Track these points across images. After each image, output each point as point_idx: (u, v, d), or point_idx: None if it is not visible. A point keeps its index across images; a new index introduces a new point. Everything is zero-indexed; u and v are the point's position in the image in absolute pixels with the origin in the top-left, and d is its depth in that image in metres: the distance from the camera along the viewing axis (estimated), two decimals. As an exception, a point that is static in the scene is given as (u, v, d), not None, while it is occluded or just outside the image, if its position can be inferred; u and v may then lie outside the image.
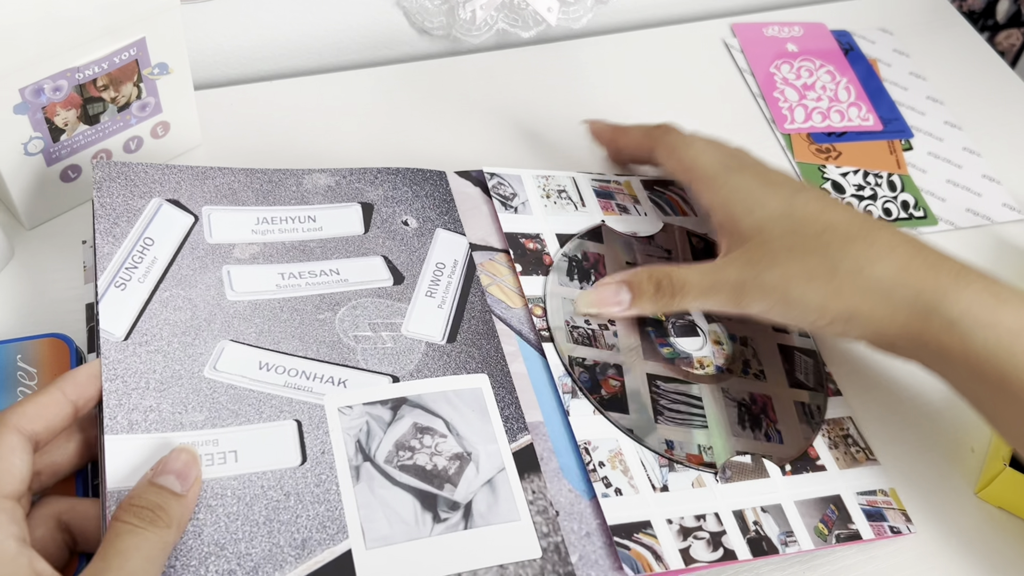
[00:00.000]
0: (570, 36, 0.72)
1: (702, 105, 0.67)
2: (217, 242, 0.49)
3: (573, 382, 0.48)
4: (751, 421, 0.49)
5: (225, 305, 0.47)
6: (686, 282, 0.49)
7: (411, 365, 0.46)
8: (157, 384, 0.43)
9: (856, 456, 0.49)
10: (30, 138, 0.50)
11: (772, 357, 0.52)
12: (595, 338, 0.50)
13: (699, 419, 0.48)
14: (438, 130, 0.63)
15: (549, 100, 0.66)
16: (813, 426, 0.50)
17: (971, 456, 0.51)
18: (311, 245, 0.50)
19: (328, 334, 0.47)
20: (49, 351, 0.46)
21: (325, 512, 0.41)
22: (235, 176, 0.52)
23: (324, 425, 0.44)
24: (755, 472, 0.47)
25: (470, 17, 0.66)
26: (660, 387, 0.49)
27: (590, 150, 0.62)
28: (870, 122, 0.67)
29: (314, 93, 0.64)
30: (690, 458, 0.46)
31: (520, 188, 0.55)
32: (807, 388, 0.51)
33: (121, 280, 0.46)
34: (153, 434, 0.42)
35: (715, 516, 0.45)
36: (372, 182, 0.54)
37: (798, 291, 0.46)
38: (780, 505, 0.46)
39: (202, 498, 0.41)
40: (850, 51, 0.72)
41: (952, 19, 0.76)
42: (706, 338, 0.52)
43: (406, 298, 0.49)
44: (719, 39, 0.72)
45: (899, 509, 0.47)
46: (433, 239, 0.52)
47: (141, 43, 0.52)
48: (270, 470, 0.42)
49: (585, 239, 0.54)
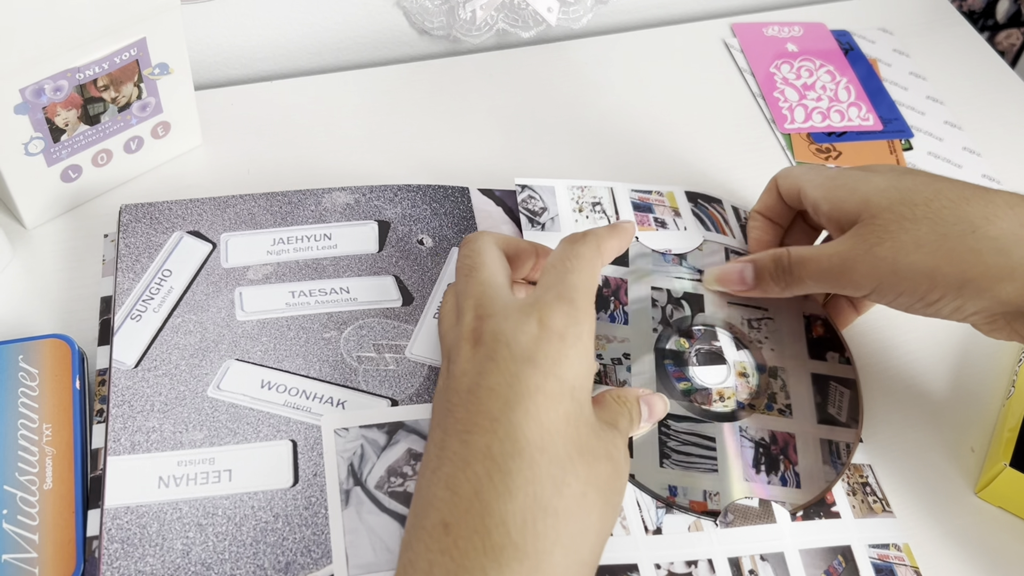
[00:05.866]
0: (570, 36, 0.72)
1: (702, 105, 0.67)
2: (232, 266, 0.50)
3: None
4: (768, 463, 0.46)
5: (234, 325, 0.47)
6: (803, 259, 0.47)
7: (411, 389, 0.46)
8: (162, 406, 0.44)
9: (873, 506, 0.46)
10: (31, 138, 0.50)
11: (803, 389, 0.49)
12: (606, 375, 0.47)
13: (709, 462, 0.45)
14: (438, 130, 0.63)
15: (549, 100, 0.66)
16: (837, 468, 0.47)
17: (971, 456, 0.51)
18: (324, 263, 0.50)
19: (332, 353, 0.47)
20: (50, 351, 0.46)
21: (311, 536, 0.41)
22: (255, 201, 0.52)
23: (319, 447, 0.44)
24: (761, 517, 0.44)
25: (470, 17, 0.66)
26: (670, 427, 0.46)
27: (590, 151, 0.62)
28: (870, 122, 0.67)
29: (314, 93, 0.64)
30: (693, 505, 0.44)
31: (552, 201, 0.53)
32: (838, 424, 0.48)
33: (137, 312, 0.47)
34: (153, 453, 0.43)
35: (708, 563, 0.42)
36: (391, 199, 0.54)
37: (907, 260, 0.43)
38: (782, 553, 0.43)
39: (193, 517, 0.41)
40: (850, 51, 0.72)
41: (952, 19, 0.76)
42: (731, 370, 0.49)
43: (414, 319, 0.49)
44: (719, 39, 0.72)
45: (911, 566, 0.45)
46: (447, 259, 0.51)
47: (141, 43, 0.52)
48: (262, 490, 0.42)
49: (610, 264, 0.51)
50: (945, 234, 0.43)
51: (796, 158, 0.64)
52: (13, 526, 0.41)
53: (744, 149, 0.65)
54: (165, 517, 0.41)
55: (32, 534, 0.41)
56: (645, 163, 0.62)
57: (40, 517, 0.41)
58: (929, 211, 0.44)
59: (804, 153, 0.65)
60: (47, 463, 0.43)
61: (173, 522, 0.41)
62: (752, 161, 0.64)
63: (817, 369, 0.50)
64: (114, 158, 0.55)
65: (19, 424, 0.44)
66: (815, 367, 0.50)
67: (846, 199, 0.46)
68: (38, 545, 0.41)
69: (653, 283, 0.51)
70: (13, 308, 0.51)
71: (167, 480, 0.42)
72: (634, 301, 0.50)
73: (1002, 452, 0.48)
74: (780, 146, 0.65)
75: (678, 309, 0.50)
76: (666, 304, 0.50)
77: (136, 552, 0.40)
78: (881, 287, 0.45)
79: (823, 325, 0.52)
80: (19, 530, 0.41)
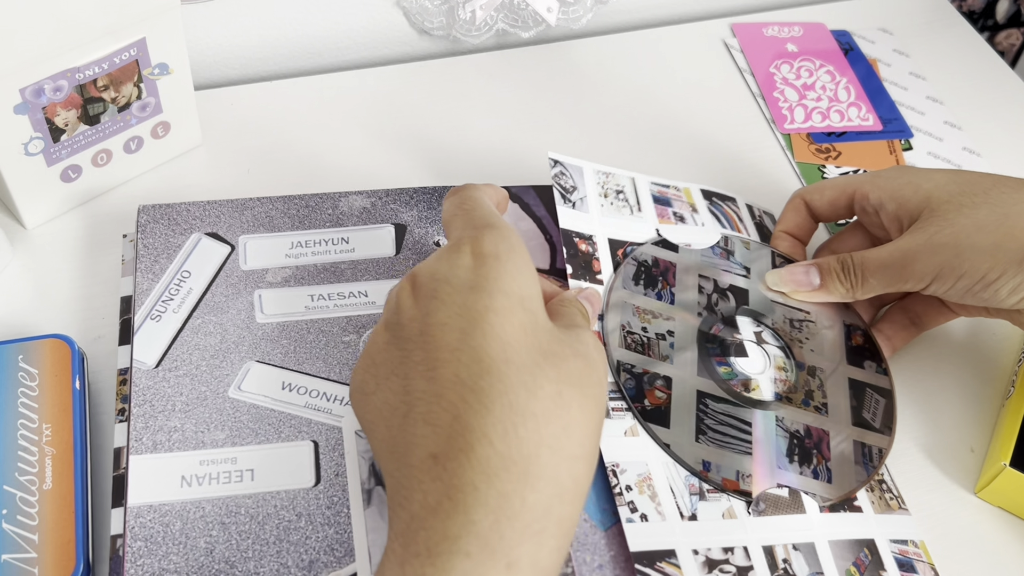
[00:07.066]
0: (570, 36, 0.72)
1: (702, 105, 0.67)
2: (251, 268, 0.50)
3: (617, 388, 0.46)
4: (801, 455, 0.46)
5: (254, 327, 0.48)
6: (865, 259, 0.48)
7: None
8: (183, 406, 0.44)
9: (890, 503, 0.47)
10: (30, 138, 0.50)
11: (840, 391, 0.50)
12: (649, 346, 0.48)
13: (743, 444, 0.46)
14: (438, 130, 0.63)
15: (549, 100, 0.66)
16: (868, 470, 0.47)
17: (971, 456, 0.51)
18: (342, 267, 0.51)
19: (351, 356, 0.47)
20: (50, 351, 0.46)
21: (334, 535, 0.42)
22: (273, 204, 0.53)
23: (340, 447, 0.44)
24: (791, 507, 0.45)
25: (470, 17, 0.66)
26: (708, 406, 0.47)
27: (590, 150, 0.62)
28: (870, 122, 0.67)
29: (314, 93, 0.64)
30: (726, 483, 0.44)
31: (581, 181, 0.53)
32: (872, 429, 0.49)
33: (157, 312, 0.47)
34: (175, 452, 0.43)
35: (744, 550, 0.43)
36: (407, 203, 0.54)
37: (968, 241, 0.45)
38: (813, 544, 0.44)
39: (216, 515, 0.42)
40: (850, 51, 0.72)
41: (952, 19, 0.76)
42: (771, 362, 0.50)
43: None
44: (719, 39, 0.72)
45: (928, 563, 0.45)
46: None
47: (141, 43, 0.52)
48: (284, 490, 0.43)
49: (659, 245, 0.52)
50: (1006, 214, 0.45)
51: (796, 158, 0.64)
52: (13, 526, 0.41)
53: (744, 149, 0.65)
54: (188, 516, 0.41)
55: (32, 534, 0.41)
56: (645, 163, 0.62)
57: (40, 517, 0.41)
58: (988, 198, 0.46)
59: (804, 153, 0.65)
60: (47, 463, 0.43)
61: (196, 520, 0.41)
62: (752, 161, 0.64)
63: (854, 375, 0.51)
64: (114, 158, 0.55)
65: (19, 424, 0.44)
66: (852, 372, 0.51)
67: (910, 197, 0.48)
68: (38, 545, 0.41)
69: (701, 271, 0.52)
70: (13, 308, 0.51)
71: (189, 479, 0.42)
72: (681, 285, 0.51)
73: (1002, 452, 0.48)
74: (780, 146, 0.65)
75: (723, 299, 0.51)
76: (712, 292, 0.51)
77: (160, 550, 0.40)
78: (942, 273, 0.46)
79: (862, 335, 0.52)
80: (19, 530, 0.41)
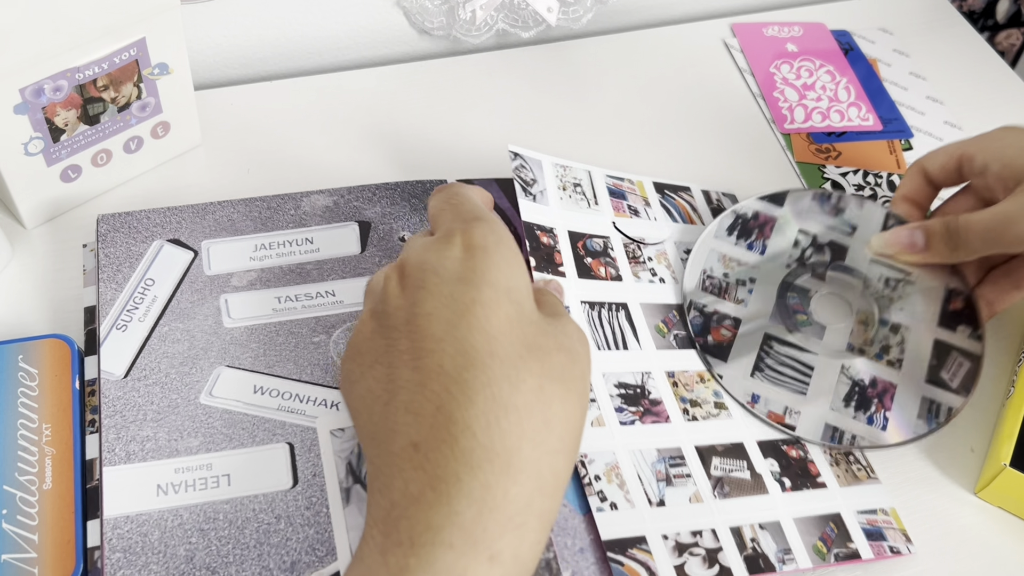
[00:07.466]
0: (570, 36, 0.72)
1: (702, 105, 0.67)
2: (215, 273, 0.50)
3: (682, 324, 0.49)
4: (859, 401, 0.48)
5: (222, 332, 0.48)
6: (969, 221, 0.49)
7: None
8: (155, 415, 0.44)
9: (858, 474, 0.48)
10: (30, 138, 0.50)
11: (922, 349, 0.51)
12: (726, 290, 0.51)
13: (800, 385, 0.48)
14: (438, 130, 0.63)
15: (549, 100, 0.66)
16: (931, 426, 0.48)
17: (971, 456, 0.51)
18: (307, 267, 0.51)
19: (322, 357, 0.47)
20: (50, 351, 0.46)
21: (315, 535, 0.42)
22: (234, 208, 0.53)
23: (316, 448, 0.44)
24: (754, 488, 0.46)
25: (470, 17, 0.66)
26: (773, 347, 0.49)
27: (590, 150, 0.62)
28: (870, 122, 0.67)
29: (314, 93, 0.64)
30: (771, 415, 0.47)
31: (540, 174, 0.54)
32: (947, 388, 0.50)
33: (122, 322, 0.47)
34: (150, 461, 0.43)
35: (712, 532, 0.44)
36: (370, 199, 0.54)
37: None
38: (779, 522, 0.45)
39: (194, 522, 0.42)
40: (850, 51, 0.72)
41: (952, 19, 0.76)
42: (853, 315, 0.51)
43: None
44: (719, 39, 0.72)
45: (899, 529, 0.47)
46: None
47: (141, 43, 0.52)
48: (262, 493, 0.43)
49: (766, 200, 0.55)
50: None
51: (796, 158, 0.64)
52: (13, 526, 0.41)
53: (744, 149, 0.65)
54: (166, 524, 0.41)
55: (32, 534, 0.41)
56: (646, 163, 0.62)
57: (40, 517, 0.41)
58: None
59: (804, 153, 0.65)
60: (47, 463, 0.43)
61: (175, 529, 0.41)
62: (752, 161, 0.64)
63: (942, 336, 0.51)
64: (114, 158, 0.55)
65: (19, 424, 0.44)
66: (941, 334, 0.51)
67: (1015, 158, 0.49)
68: (37, 545, 0.41)
69: (802, 226, 0.54)
70: (13, 308, 0.51)
71: (165, 488, 0.42)
72: (776, 238, 0.53)
73: (1002, 452, 0.48)
74: (780, 146, 0.65)
75: (819, 253, 0.53)
76: (808, 247, 0.53)
77: (139, 560, 0.40)
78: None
79: (964, 301, 0.53)
80: (19, 530, 0.41)
